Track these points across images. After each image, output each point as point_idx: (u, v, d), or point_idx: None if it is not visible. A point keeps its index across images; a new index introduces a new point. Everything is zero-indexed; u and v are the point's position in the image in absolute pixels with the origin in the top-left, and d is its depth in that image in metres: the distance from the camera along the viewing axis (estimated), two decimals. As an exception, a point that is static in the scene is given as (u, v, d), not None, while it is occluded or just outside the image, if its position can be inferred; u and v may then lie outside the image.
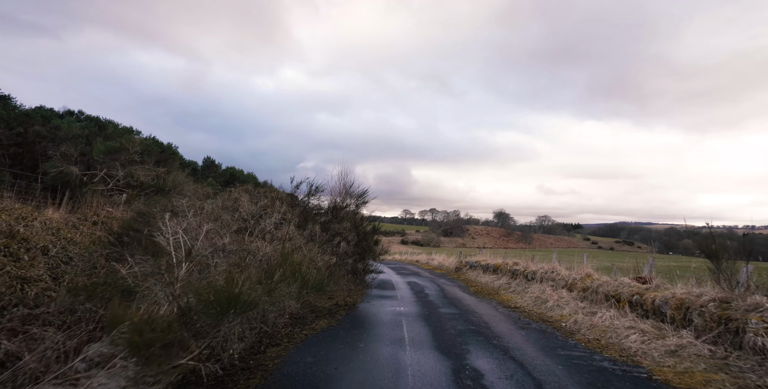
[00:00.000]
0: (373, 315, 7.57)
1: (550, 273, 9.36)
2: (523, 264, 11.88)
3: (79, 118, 18.31)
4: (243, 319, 3.68)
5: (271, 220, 6.51)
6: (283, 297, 4.02)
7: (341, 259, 8.02)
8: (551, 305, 7.40)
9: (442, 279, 15.25)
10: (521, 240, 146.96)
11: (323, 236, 7.70)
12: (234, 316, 3.18)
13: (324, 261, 7.59)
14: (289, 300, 4.18)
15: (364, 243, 8.44)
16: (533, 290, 9.02)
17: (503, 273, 12.61)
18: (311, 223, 7.63)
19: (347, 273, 8.32)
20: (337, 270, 7.92)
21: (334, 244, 8.11)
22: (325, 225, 7.82)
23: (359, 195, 9.14)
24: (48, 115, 15.47)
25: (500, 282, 11.77)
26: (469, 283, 13.16)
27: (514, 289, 10.21)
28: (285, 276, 4.08)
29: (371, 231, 8.80)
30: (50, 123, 13.86)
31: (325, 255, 7.88)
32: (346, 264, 8.23)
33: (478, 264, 16.20)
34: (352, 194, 9.08)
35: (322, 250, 7.62)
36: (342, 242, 8.36)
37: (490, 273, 14.02)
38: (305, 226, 7.44)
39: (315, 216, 8.01)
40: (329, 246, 8.04)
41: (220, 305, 3.23)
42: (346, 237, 8.43)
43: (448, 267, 20.72)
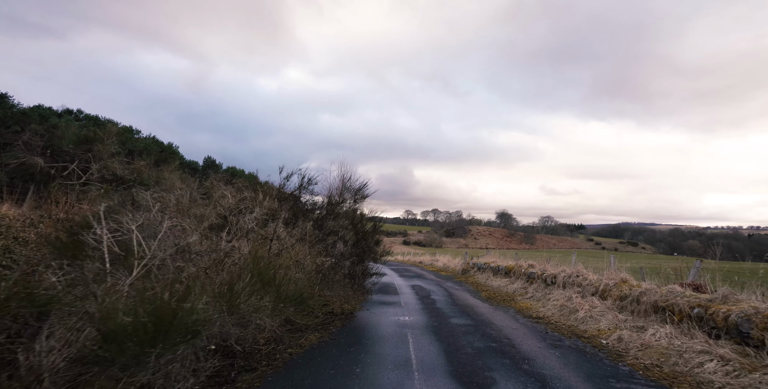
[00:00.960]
0: (374, 327, 6.50)
1: (575, 277, 8.26)
2: (539, 267, 10.76)
3: (78, 117, 18.21)
4: (189, 348, 2.62)
5: (252, 216, 5.46)
6: (251, 313, 2.96)
7: (337, 261, 6.97)
8: (582, 316, 6.31)
9: (449, 282, 14.15)
10: (524, 241, 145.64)
11: (316, 235, 6.65)
12: (167, 349, 2.12)
13: (316, 263, 6.52)
14: (261, 317, 3.12)
15: (363, 244, 7.37)
16: (556, 297, 7.92)
17: (517, 277, 11.50)
18: (302, 220, 6.59)
19: (344, 277, 7.26)
20: (331, 273, 6.86)
21: (329, 244, 7.06)
22: (318, 223, 6.77)
23: (357, 189, 8.07)
24: (46, 114, 15.36)
25: (514, 286, 10.66)
26: (479, 287, 12.06)
27: (533, 295, 9.11)
28: (255, 287, 3.02)
29: (371, 229, 7.73)
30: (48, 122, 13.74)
31: (317, 257, 6.81)
32: (342, 266, 7.17)
33: (487, 266, 15.09)
34: (349, 188, 8.01)
35: (314, 251, 6.56)
36: (338, 242, 7.31)
37: (501, 276, 12.91)
38: (295, 223, 6.40)
39: (307, 212, 6.97)
40: (323, 246, 6.98)
41: (145, 332, 2.17)
42: (342, 237, 7.38)
43: (453, 269, 19.62)
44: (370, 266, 8.31)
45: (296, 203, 6.87)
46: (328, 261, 6.83)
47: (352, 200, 8.18)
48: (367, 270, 7.58)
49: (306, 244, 6.30)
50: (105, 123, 16.93)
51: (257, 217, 5.48)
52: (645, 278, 7.80)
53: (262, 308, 3.11)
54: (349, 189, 8.24)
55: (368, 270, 7.59)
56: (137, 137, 18.21)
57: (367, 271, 7.51)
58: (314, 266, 6.39)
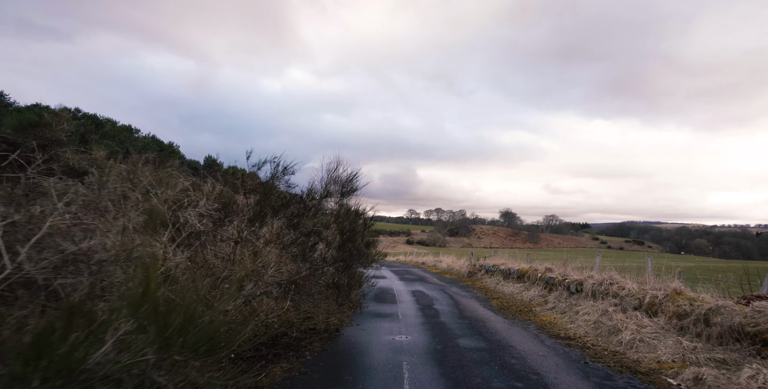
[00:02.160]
0: (361, 353, 5.10)
1: (608, 285, 6.82)
2: (559, 271, 9.33)
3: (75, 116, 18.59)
4: None
5: (196, 211, 4.10)
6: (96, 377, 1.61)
7: (315, 269, 5.58)
8: (629, 339, 4.89)
9: (454, 287, 12.73)
10: (528, 240, 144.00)
11: (289, 235, 5.28)
12: None
13: (288, 272, 5.13)
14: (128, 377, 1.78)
15: (350, 246, 5.97)
16: (586, 309, 6.49)
17: (532, 282, 10.07)
18: (272, 217, 5.23)
19: (326, 288, 5.88)
20: (308, 284, 5.48)
21: (307, 247, 5.70)
22: (292, 221, 5.41)
23: (345, 181, 6.68)
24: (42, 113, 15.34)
25: (530, 294, 9.24)
26: (488, 294, 10.64)
27: (555, 306, 7.69)
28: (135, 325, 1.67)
29: (362, 228, 6.33)
30: None
31: (283, 264, 5.43)
32: (324, 274, 5.81)
33: (496, 268, 13.66)
34: (336, 180, 6.61)
35: (285, 256, 5.17)
36: (319, 244, 5.94)
37: (513, 280, 11.48)
38: (263, 221, 5.04)
39: (281, 207, 5.60)
40: (300, 249, 5.61)
41: None
42: (325, 238, 6.00)
43: (458, 271, 18.19)
44: (361, 272, 6.91)
45: (267, 196, 5.52)
46: (305, 268, 5.45)
47: (338, 194, 6.79)
48: (357, 277, 6.21)
49: (274, 247, 4.93)
50: (104, 122, 16.53)
51: (204, 213, 4.13)
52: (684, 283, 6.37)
53: (129, 366, 1.74)
54: (336, 181, 6.84)
55: (358, 277, 6.23)
56: (136, 136, 17.81)
57: (357, 280, 6.15)
58: (286, 275, 5.00)
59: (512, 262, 14.09)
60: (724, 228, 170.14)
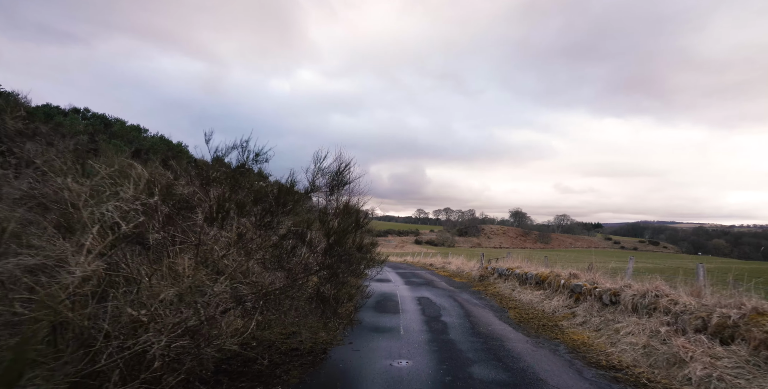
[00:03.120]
0: (348, 386, 3.98)
1: (653, 297, 5.59)
2: (586, 278, 8.09)
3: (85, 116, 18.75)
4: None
5: (122, 205, 3.04)
6: None
7: (295, 278, 4.47)
8: (701, 375, 3.68)
9: (465, 293, 11.53)
10: (539, 240, 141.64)
11: (258, 239, 4.19)
12: None
13: (257, 285, 4.03)
14: None
15: (338, 250, 4.84)
16: (630, 328, 5.27)
17: (554, 289, 8.84)
18: (237, 216, 4.16)
19: (309, 301, 4.77)
20: (285, 297, 4.37)
21: (285, 252, 4.61)
22: (262, 220, 4.32)
23: (336, 172, 5.58)
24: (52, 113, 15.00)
25: (553, 304, 8.01)
26: (504, 302, 9.42)
27: (586, 321, 6.46)
28: None
29: (354, 227, 5.20)
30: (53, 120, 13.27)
31: (265, 273, 4.35)
32: (305, 285, 4.70)
33: (510, 272, 12.43)
34: (324, 171, 5.51)
35: (253, 262, 4.08)
36: (301, 247, 4.85)
37: (531, 287, 10.25)
38: (225, 219, 3.97)
39: (253, 202, 4.51)
40: (275, 254, 4.51)
41: None
42: (310, 241, 4.89)
43: (469, 273, 16.97)
44: (355, 281, 5.78)
45: (234, 189, 4.44)
46: (281, 278, 4.36)
47: (327, 188, 5.68)
48: (348, 288, 5.09)
49: (236, 253, 3.84)
50: (113, 122, 16.82)
51: (128, 207, 3.07)
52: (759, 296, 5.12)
53: None
54: (324, 171, 5.74)
55: (350, 288, 5.11)
56: (144, 136, 17.65)
57: (348, 290, 5.03)
58: (249, 289, 3.89)
59: (529, 266, 12.84)
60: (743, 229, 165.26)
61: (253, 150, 4.81)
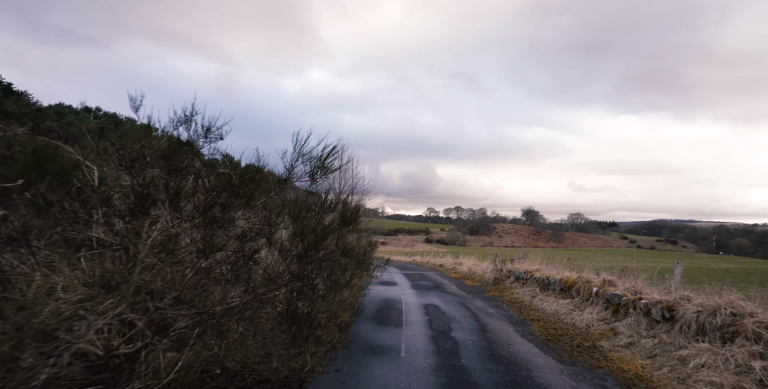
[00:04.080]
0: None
1: (730, 316, 4.29)
2: (625, 286, 6.77)
3: (96, 115, 18.59)
4: None
5: None
6: None
7: (256, 293, 3.33)
8: None
9: (478, 299, 10.28)
10: (552, 239, 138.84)
11: (202, 238, 3.08)
12: None
13: (190, 300, 2.89)
14: None
15: (314, 256, 3.67)
16: (703, 359, 3.99)
17: (584, 298, 7.54)
18: (171, 207, 3.05)
19: (278, 322, 3.61)
20: (240, 318, 3.24)
21: (242, 257, 3.47)
22: (209, 212, 3.20)
23: (319, 157, 4.42)
24: (63, 112, 15.65)
25: (586, 316, 6.72)
26: (524, 312, 8.15)
27: (634, 342, 5.17)
28: None
29: (337, 226, 4.02)
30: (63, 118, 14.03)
31: (211, 286, 3.21)
32: (270, 301, 3.55)
33: (529, 275, 11.13)
34: (303, 154, 4.35)
35: (187, 272, 2.95)
36: (267, 250, 3.70)
37: (555, 294, 8.95)
38: (145, 211, 2.86)
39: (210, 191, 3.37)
40: (231, 261, 3.38)
41: None
42: (280, 243, 3.74)
43: (482, 276, 15.68)
44: (340, 295, 4.59)
45: (171, 172, 3.31)
46: (236, 293, 3.22)
47: (307, 175, 4.52)
48: (329, 303, 3.92)
49: (156, 257, 2.73)
50: (123, 120, 17.04)
51: None
52: None
53: None
54: (303, 155, 4.59)
55: (330, 303, 3.94)
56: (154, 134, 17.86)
57: (329, 306, 3.86)
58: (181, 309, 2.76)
59: (550, 268, 11.51)
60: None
61: (202, 123, 3.67)
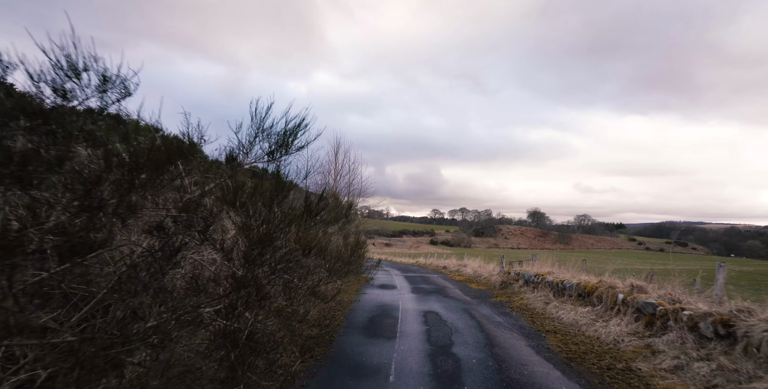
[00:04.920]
0: None
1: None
2: (658, 293, 5.71)
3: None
4: None
5: None
6: None
7: (173, 308, 2.37)
8: None
9: (484, 305, 9.23)
10: (558, 241, 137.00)
11: (80, 229, 2.16)
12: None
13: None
14: None
15: (261, 257, 2.69)
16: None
17: (607, 307, 6.49)
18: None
19: (211, 348, 2.64)
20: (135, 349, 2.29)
21: (157, 261, 2.51)
22: (90, 194, 2.27)
23: (283, 133, 3.48)
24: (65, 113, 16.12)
25: (613, 329, 5.67)
26: (537, 322, 7.10)
27: (682, 365, 4.12)
28: None
29: (299, 217, 3.04)
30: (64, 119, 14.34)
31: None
32: (196, 321, 2.60)
33: (540, 279, 10.07)
34: (267, 131, 3.40)
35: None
36: (199, 248, 2.74)
37: (572, 300, 7.89)
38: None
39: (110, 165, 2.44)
40: (127, 261, 2.43)
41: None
42: (219, 241, 2.77)
43: (487, 279, 14.61)
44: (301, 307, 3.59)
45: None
46: (137, 307, 2.26)
47: (266, 154, 3.56)
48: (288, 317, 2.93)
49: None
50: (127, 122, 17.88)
51: None
52: None
53: None
54: (267, 133, 3.64)
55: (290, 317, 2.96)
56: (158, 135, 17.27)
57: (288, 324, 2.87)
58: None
59: (563, 271, 10.44)
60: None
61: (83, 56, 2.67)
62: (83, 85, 2.49)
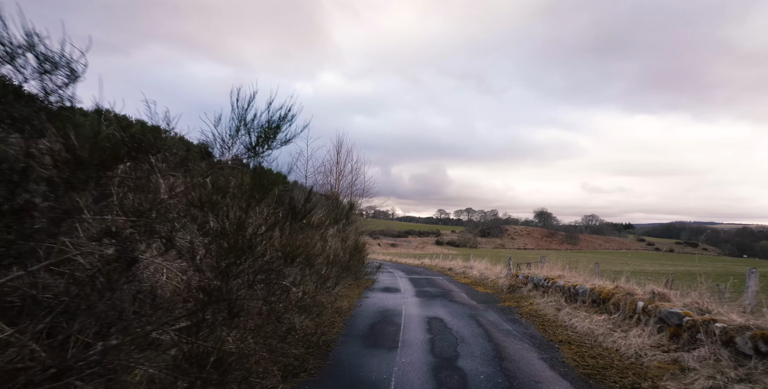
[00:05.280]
0: None
1: None
2: (687, 303, 5.23)
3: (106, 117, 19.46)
4: None
5: None
6: None
7: (124, 327, 2.00)
8: None
9: (491, 311, 8.78)
10: (565, 241, 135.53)
11: None
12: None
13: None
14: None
15: (230, 269, 2.29)
16: None
17: (626, 315, 6.02)
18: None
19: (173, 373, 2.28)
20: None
21: (109, 271, 2.14)
22: None
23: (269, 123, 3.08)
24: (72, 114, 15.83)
25: (634, 341, 5.20)
26: (549, 330, 6.64)
27: (720, 387, 3.67)
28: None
29: (284, 219, 2.63)
30: None
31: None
32: (153, 341, 2.22)
33: (551, 283, 9.59)
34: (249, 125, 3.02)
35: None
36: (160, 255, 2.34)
37: (586, 307, 7.42)
38: None
39: None
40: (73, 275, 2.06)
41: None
42: (185, 246, 2.38)
43: (494, 281, 14.14)
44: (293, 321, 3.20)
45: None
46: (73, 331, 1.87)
47: (246, 150, 3.19)
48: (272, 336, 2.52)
49: None
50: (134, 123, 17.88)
51: None
52: None
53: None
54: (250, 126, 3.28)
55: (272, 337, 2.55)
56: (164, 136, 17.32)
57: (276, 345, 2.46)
58: None
59: (574, 275, 9.96)
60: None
61: None
62: (18, 65, 2.11)
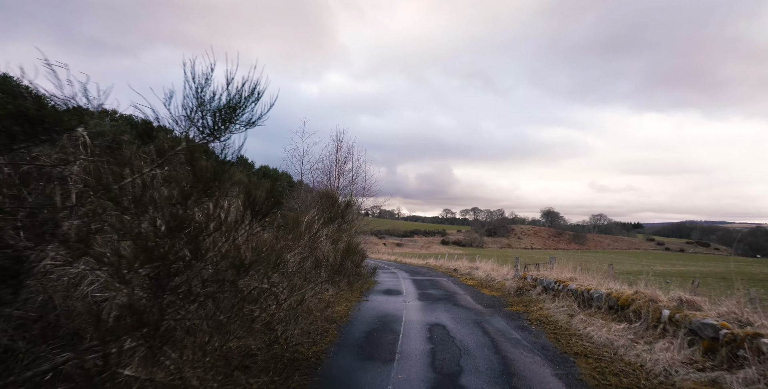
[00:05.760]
0: None
1: None
2: (722, 313, 4.61)
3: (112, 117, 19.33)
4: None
5: None
6: None
7: None
8: None
9: (498, 317, 8.17)
10: (573, 241, 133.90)
11: None
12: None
13: None
14: None
15: (161, 281, 1.75)
16: None
17: (648, 325, 5.40)
18: None
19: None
20: None
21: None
22: None
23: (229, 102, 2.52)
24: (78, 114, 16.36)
25: (660, 355, 4.59)
26: (562, 340, 6.04)
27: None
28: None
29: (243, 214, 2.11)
30: None
31: None
32: None
33: (561, 286, 8.96)
34: (204, 101, 2.47)
35: None
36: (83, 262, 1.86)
37: (602, 313, 6.80)
38: None
39: None
40: None
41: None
42: (99, 254, 1.88)
43: (501, 284, 13.51)
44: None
45: None
46: None
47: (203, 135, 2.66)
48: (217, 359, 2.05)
49: None
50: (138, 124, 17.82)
51: None
52: None
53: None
54: (208, 106, 2.74)
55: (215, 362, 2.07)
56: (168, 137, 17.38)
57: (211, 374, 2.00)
58: None
59: (587, 278, 9.31)
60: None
61: None
62: None
